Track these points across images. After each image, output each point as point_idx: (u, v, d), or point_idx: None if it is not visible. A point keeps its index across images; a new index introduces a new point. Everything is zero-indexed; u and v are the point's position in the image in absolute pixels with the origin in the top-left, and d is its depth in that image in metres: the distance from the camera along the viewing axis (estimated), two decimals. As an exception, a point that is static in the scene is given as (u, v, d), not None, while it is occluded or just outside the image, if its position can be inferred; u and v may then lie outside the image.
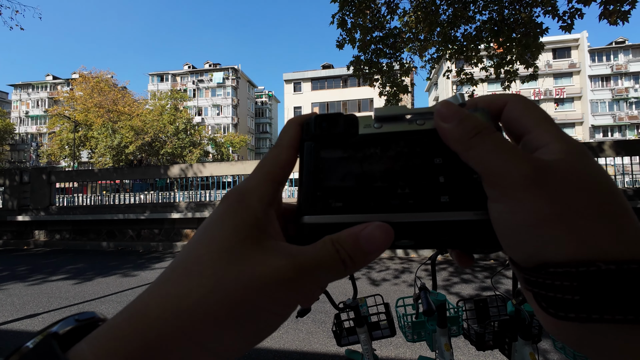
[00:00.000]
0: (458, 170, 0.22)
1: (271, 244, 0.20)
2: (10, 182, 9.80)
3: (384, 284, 4.77)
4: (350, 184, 0.23)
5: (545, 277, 0.17)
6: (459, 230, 0.21)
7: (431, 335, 1.40)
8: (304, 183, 0.24)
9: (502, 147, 0.19)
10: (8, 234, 9.77)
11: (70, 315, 0.20)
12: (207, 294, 0.17)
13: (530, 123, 0.21)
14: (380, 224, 0.20)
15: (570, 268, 0.16)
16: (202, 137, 33.62)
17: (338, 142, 0.24)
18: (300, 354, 2.85)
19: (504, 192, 0.18)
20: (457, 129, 0.20)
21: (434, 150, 0.22)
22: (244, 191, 0.21)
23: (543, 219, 0.17)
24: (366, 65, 7.79)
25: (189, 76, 47.29)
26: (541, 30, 6.42)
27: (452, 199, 0.21)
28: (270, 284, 0.18)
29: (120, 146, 27.02)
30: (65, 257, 7.52)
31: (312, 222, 0.22)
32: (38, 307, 4.14)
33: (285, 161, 0.23)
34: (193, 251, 0.19)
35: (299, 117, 0.25)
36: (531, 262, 0.18)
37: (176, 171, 9.37)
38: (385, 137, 0.24)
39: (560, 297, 0.16)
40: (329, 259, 0.19)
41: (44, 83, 47.05)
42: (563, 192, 0.17)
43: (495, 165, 0.18)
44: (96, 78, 30.35)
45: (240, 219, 0.20)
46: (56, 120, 29.70)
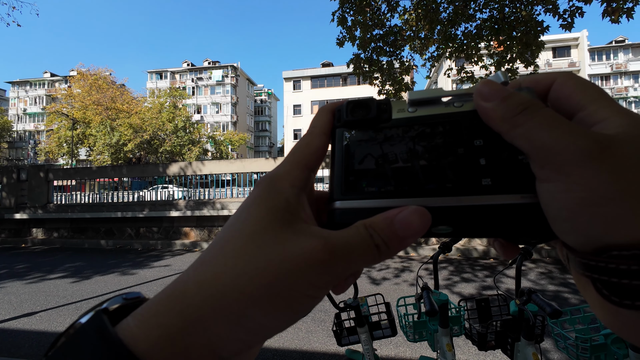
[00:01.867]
0: (501, 151, 0.20)
1: (303, 227, 0.20)
2: (7, 179, 9.75)
3: (385, 283, 4.77)
4: (384, 168, 0.22)
5: (608, 262, 0.15)
6: (502, 216, 0.19)
7: (433, 335, 1.39)
8: (335, 169, 0.23)
9: (554, 122, 0.17)
10: (5, 232, 9.73)
11: (119, 295, 0.21)
12: (242, 274, 0.18)
13: (585, 99, 0.19)
14: (417, 208, 0.19)
15: (637, 250, 0.14)
16: (201, 135, 33.56)
17: (371, 128, 0.23)
18: (300, 353, 2.84)
19: (559, 170, 0.16)
20: (500, 106, 0.19)
21: (473, 132, 0.21)
22: (275, 177, 0.21)
23: (606, 197, 0.15)
24: (366, 64, 7.77)
25: (188, 74, 47.15)
26: (542, 28, 6.41)
27: (495, 182, 0.19)
28: (302, 265, 0.18)
29: (119, 144, 26.94)
30: (63, 256, 7.50)
31: (344, 207, 0.22)
32: (36, 306, 4.12)
33: (316, 147, 0.23)
34: (227, 234, 0.20)
35: (331, 105, 0.25)
36: (591, 245, 0.16)
37: (175, 169, 9.34)
38: (421, 120, 0.22)
39: (626, 283, 0.15)
40: (362, 243, 0.19)
41: (41, 80, 46.83)
42: (629, 166, 0.15)
43: (547, 141, 0.17)
44: (94, 75, 30.22)
45: (272, 203, 0.20)
46: (54, 117, 29.58)
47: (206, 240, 8.40)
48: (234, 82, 46.10)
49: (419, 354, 2.71)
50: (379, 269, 5.54)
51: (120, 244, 8.65)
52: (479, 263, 5.81)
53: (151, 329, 0.17)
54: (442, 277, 4.91)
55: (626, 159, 0.15)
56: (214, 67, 46.61)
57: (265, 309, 0.18)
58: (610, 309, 0.16)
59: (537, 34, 6.45)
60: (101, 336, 0.16)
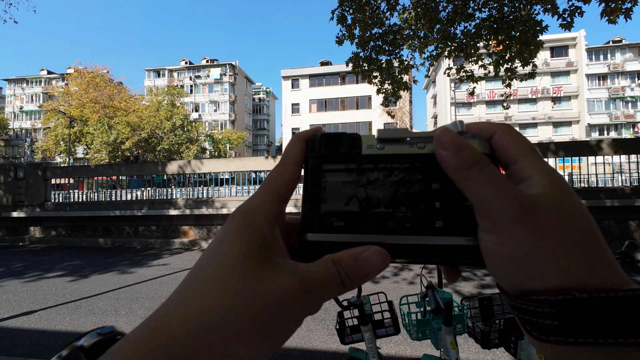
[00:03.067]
0: (453, 196, 0.23)
1: (279, 262, 0.21)
2: (4, 177, 9.68)
3: (384, 281, 4.78)
4: (352, 204, 0.24)
5: (528, 304, 0.19)
6: (450, 253, 0.22)
7: (436, 333, 1.39)
8: (307, 200, 0.25)
9: (495, 182, 0.20)
10: (3, 230, 9.67)
11: (92, 330, 0.21)
12: (226, 311, 0.18)
13: (518, 154, 0.22)
14: (378, 250, 0.22)
15: (550, 296, 0.18)
16: (200, 133, 33.46)
17: (341, 162, 0.25)
18: (301, 352, 2.85)
19: (495, 226, 0.20)
20: (454, 157, 0.22)
21: (431, 175, 0.24)
22: (250, 210, 0.23)
23: (529, 254, 0.19)
24: (365, 62, 7.76)
25: (186, 72, 46.95)
26: (541, 28, 6.42)
27: (446, 225, 0.23)
28: (282, 302, 0.19)
29: (117, 142, 26.81)
30: (61, 254, 7.46)
31: (314, 239, 0.24)
32: (34, 304, 4.10)
33: (289, 179, 0.24)
34: (208, 268, 0.20)
35: (305, 133, 0.26)
36: (516, 289, 0.20)
37: (174, 168, 9.31)
38: (387, 159, 0.25)
39: (541, 322, 0.18)
40: (332, 279, 0.21)
41: (38, 78, 46.50)
42: (547, 229, 0.19)
43: (488, 199, 0.20)
44: (92, 73, 30.03)
45: (249, 238, 0.21)
46: (51, 115, 29.38)
47: (205, 239, 8.39)
48: (232, 80, 45.95)
49: (421, 352, 2.73)
50: (378, 268, 5.55)
51: (118, 243, 8.62)
52: (477, 262, 5.83)
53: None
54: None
55: (546, 223, 0.19)
56: (212, 65, 46.42)
57: (248, 343, 0.19)
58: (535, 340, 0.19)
59: (536, 33, 6.46)
60: None
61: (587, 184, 7.72)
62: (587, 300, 0.17)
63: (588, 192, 7.12)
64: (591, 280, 0.18)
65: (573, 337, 0.17)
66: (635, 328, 0.16)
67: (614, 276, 0.18)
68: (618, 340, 0.16)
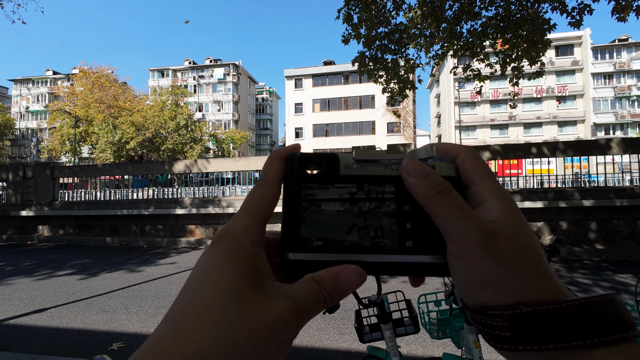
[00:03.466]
0: (422, 218, 0.25)
1: (270, 287, 0.22)
2: (13, 177, 9.78)
3: (394, 280, 4.77)
4: (329, 224, 0.26)
5: (486, 318, 0.22)
6: (419, 269, 0.25)
7: (457, 332, 1.39)
8: (287, 220, 0.26)
9: (458, 210, 0.23)
10: (12, 229, 9.77)
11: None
12: (227, 341, 0.19)
13: (476, 178, 0.25)
14: (355, 269, 0.23)
15: (502, 311, 0.21)
16: (203, 133, 33.56)
17: (320, 182, 0.26)
18: (312, 350, 2.85)
19: (459, 251, 0.22)
20: (421, 185, 0.24)
21: (403, 197, 0.26)
22: (236, 234, 0.23)
23: (489, 277, 0.21)
24: (371, 61, 7.74)
25: (190, 72, 47.11)
26: (549, 26, 6.37)
27: (416, 244, 0.25)
28: (279, 326, 0.20)
29: (121, 142, 26.97)
30: (69, 252, 7.53)
31: (296, 259, 0.25)
32: (46, 302, 4.14)
33: (270, 200, 0.25)
34: (199, 297, 0.20)
35: (283, 151, 0.27)
36: (476, 305, 0.22)
37: (181, 167, 9.35)
38: (362, 179, 0.26)
39: (497, 334, 0.21)
40: (316, 298, 0.22)
41: (44, 78, 46.86)
42: (505, 256, 0.21)
43: (452, 225, 0.22)
44: (97, 73, 30.22)
45: (239, 263, 0.21)
46: (57, 115, 29.62)
47: (211, 238, 8.42)
48: (236, 80, 46.03)
49: (440, 350, 2.72)
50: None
51: (125, 242, 8.68)
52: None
53: None
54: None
55: (504, 250, 0.22)
56: (216, 65, 46.54)
57: None
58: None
59: (543, 31, 6.41)
60: None
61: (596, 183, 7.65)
62: (532, 313, 0.20)
63: (597, 191, 7.06)
64: (537, 296, 0.21)
65: (522, 345, 0.20)
66: (571, 334, 0.19)
67: (556, 291, 0.21)
68: (557, 346, 0.19)
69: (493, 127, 36.90)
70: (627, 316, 0.20)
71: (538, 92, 34.97)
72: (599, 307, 0.20)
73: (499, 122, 36.46)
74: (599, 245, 6.76)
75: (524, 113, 35.64)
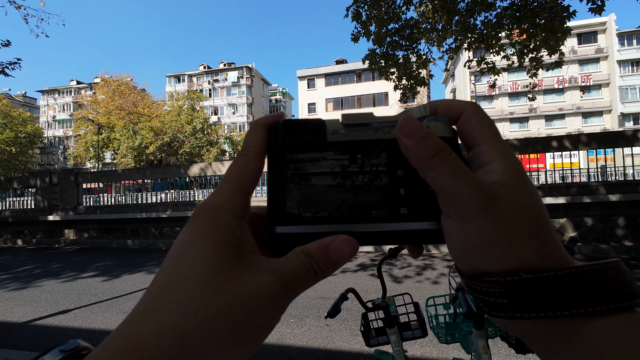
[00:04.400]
0: (416, 182, 0.23)
1: (253, 261, 0.20)
2: (41, 183, 10.27)
3: (407, 281, 4.70)
4: (318, 194, 0.24)
5: (482, 285, 0.20)
6: (414, 236, 0.24)
7: (466, 336, 1.34)
8: (273, 192, 0.24)
9: (458, 172, 0.21)
10: (41, 233, 10.26)
11: (55, 346, 0.20)
12: (204, 319, 0.18)
13: (481, 137, 0.23)
14: (347, 238, 0.22)
15: (500, 277, 0.20)
16: (219, 136, 34.16)
17: (306, 150, 0.24)
18: (324, 352, 2.84)
19: (458, 214, 0.21)
20: (417, 147, 0.22)
21: (396, 161, 0.24)
22: (215, 208, 0.21)
23: (488, 242, 0.20)
24: (382, 59, 7.64)
25: (205, 76, 48.04)
26: (568, 13, 6.09)
27: (410, 211, 0.23)
28: (261, 301, 0.19)
29: (141, 147, 27.82)
30: (93, 255, 7.83)
31: (283, 232, 0.23)
32: (70, 304, 4.32)
33: (252, 171, 0.23)
34: (175, 274, 0.19)
35: (265, 119, 0.25)
36: (472, 271, 0.21)
37: (196, 170, 9.54)
38: (351, 145, 0.24)
39: (493, 301, 0.20)
40: (305, 271, 0.21)
41: (68, 88, 48.99)
42: (506, 218, 0.20)
43: (451, 188, 0.21)
44: (117, 81, 31.31)
45: (219, 238, 0.20)
46: (81, 123, 30.88)
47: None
48: (249, 82, 46.59)
49: (450, 355, 2.65)
50: (400, 267, 5.47)
51: (145, 244, 8.95)
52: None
53: None
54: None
55: (505, 213, 0.20)
56: (230, 68, 47.26)
57: (230, 348, 0.18)
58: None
59: (562, 19, 6.13)
60: None
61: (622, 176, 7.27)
62: (532, 280, 0.19)
63: (624, 185, 6.71)
64: (538, 263, 0.20)
65: (519, 312, 0.19)
66: (572, 301, 0.19)
67: (558, 258, 0.20)
68: (556, 313, 0.19)
69: (512, 121, 35.69)
70: (632, 284, 0.19)
71: (560, 83, 33.56)
72: (603, 275, 0.19)
73: (519, 115, 35.22)
74: (628, 241, 6.41)
75: (545, 105, 34.30)
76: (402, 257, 6.18)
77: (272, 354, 2.85)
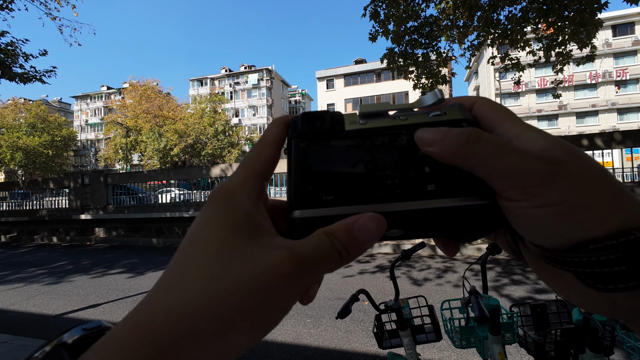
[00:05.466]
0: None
1: (267, 240, 0.20)
2: (74, 184, 10.88)
3: (426, 284, 4.60)
4: (340, 177, 0.23)
5: (587, 255, 0.17)
6: (445, 217, 0.21)
7: (482, 341, 1.30)
8: (293, 179, 0.24)
9: (503, 148, 0.20)
10: (74, 231, 10.86)
11: (77, 325, 0.20)
12: (211, 297, 0.17)
13: (500, 118, 0.22)
14: (373, 215, 0.20)
15: (610, 241, 0.17)
16: (240, 137, 34.86)
17: (325, 139, 0.24)
18: (340, 353, 2.83)
19: (522, 191, 0.19)
20: (444, 146, 0.21)
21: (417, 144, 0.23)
22: (230, 189, 0.21)
23: (575, 206, 0.18)
24: (400, 57, 7.53)
25: (226, 79, 49.16)
26: (599, 5, 5.75)
27: (439, 187, 0.22)
28: (271, 279, 0.18)
29: (166, 149, 28.86)
30: (121, 252, 8.19)
31: (303, 216, 0.22)
32: (99, 298, 4.54)
33: (268, 156, 0.23)
34: (189, 254, 0.19)
35: (284, 117, 0.25)
36: (567, 244, 0.18)
37: (217, 171, 9.79)
38: (371, 132, 0.24)
39: (607, 271, 0.17)
40: (326, 251, 0.19)
41: (99, 93, 51.59)
42: (581, 178, 0.18)
43: (504, 168, 0.19)
44: (144, 86, 32.66)
45: (232, 217, 0.20)
46: (111, 127, 32.41)
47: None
48: (269, 84, 47.23)
49: (465, 358, 2.58)
50: (419, 270, 5.36)
51: (169, 242, 9.26)
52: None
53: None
54: (489, 278, 4.63)
55: (577, 173, 0.18)
56: (250, 71, 48.12)
57: (238, 328, 0.18)
58: (596, 296, 0.18)
59: (593, 11, 5.80)
60: None
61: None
62: None
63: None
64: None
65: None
66: None
67: None
68: None
69: (540, 119, 34.11)
70: None
71: (592, 78, 31.76)
72: None
73: (547, 112, 33.61)
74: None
75: (576, 101, 32.56)
76: (422, 259, 6.06)
77: (288, 352, 2.87)
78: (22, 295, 4.80)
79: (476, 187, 0.21)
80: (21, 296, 4.74)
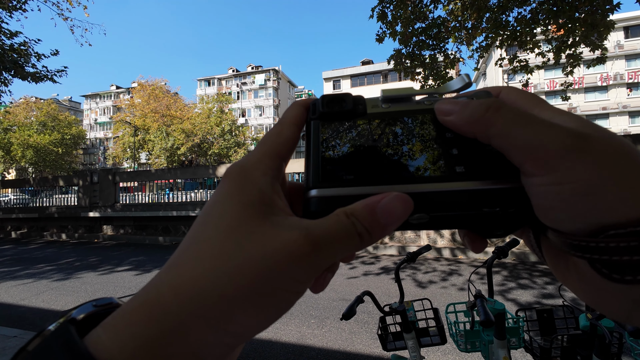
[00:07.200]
0: (470, 142, 0.21)
1: (281, 219, 0.19)
2: (83, 182, 11.04)
3: (431, 286, 4.58)
4: (361, 157, 0.22)
5: (608, 241, 0.16)
6: (474, 201, 0.20)
7: (487, 346, 1.29)
8: (311, 158, 0.22)
9: (526, 117, 0.18)
10: (82, 229, 11.02)
11: (89, 301, 0.20)
12: (221, 275, 0.17)
13: (529, 104, 0.21)
14: (398, 194, 0.19)
15: (635, 227, 0.15)
16: (246, 137, 35.04)
17: (347, 120, 0.24)
18: (344, 354, 2.83)
19: (543, 165, 0.17)
20: (464, 113, 0.20)
21: (444, 127, 0.22)
22: (246, 167, 0.20)
23: (597, 185, 0.16)
24: (408, 59, 7.50)
25: (233, 79, 49.47)
26: (611, 6, 5.67)
27: (468, 169, 0.20)
28: (284, 259, 0.17)
29: (173, 148, 29.13)
30: (128, 250, 8.29)
31: (321, 195, 0.20)
32: (106, 295, 4.59)
33: (287, 137, 0.22)
34: (201, 232, 0.19)
35: (304, 100, 0.25)
36: (586, 228, 0.17)
37: (223, 170, 9.85)
38: (395, 114, 0.23)
39: (627, 260, 0.15)
40: (344, 231, 0.18)
41: (109, 93, 52.30)
42: (606, 156, 0.16)
43: (526, 138, 0.18)
44: (152, 86, 33.01)
45: (245, 195, 0.19)
46: (119, 125, 32.83)
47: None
48: (276, 85, 47.40)
49: (471, 364, 2.56)
50: (425, 272, 5.33)
51: (175, 241, 9.35)
52: (537, 268, 5.33)
53: (125, 341, 0.15)
54: (495, 282, 4.59)
55: (605, 151, 0.16)
56: (257, 71, 48.35)
57: (247, 310, 0.17)
58: (610, 289, 0.17)
59: (605, 12, 5.72)
60: (68, 350, 0.15)
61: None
62: None
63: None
64: None
65: None
66: None
67: None
68: None
69: (549, 121, 33.64)
70: None
71: (603, 80, 31.25)
72: None
73: (557, 115, 33.14)
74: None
75: (586, 104, 32.06)
76: (427, 262, 6.03)
77: (292, 352, 2.88)
78: (32, 290, 4.89)
79: (507, 171, 0.20)
80: (31, 292, 4.83)
